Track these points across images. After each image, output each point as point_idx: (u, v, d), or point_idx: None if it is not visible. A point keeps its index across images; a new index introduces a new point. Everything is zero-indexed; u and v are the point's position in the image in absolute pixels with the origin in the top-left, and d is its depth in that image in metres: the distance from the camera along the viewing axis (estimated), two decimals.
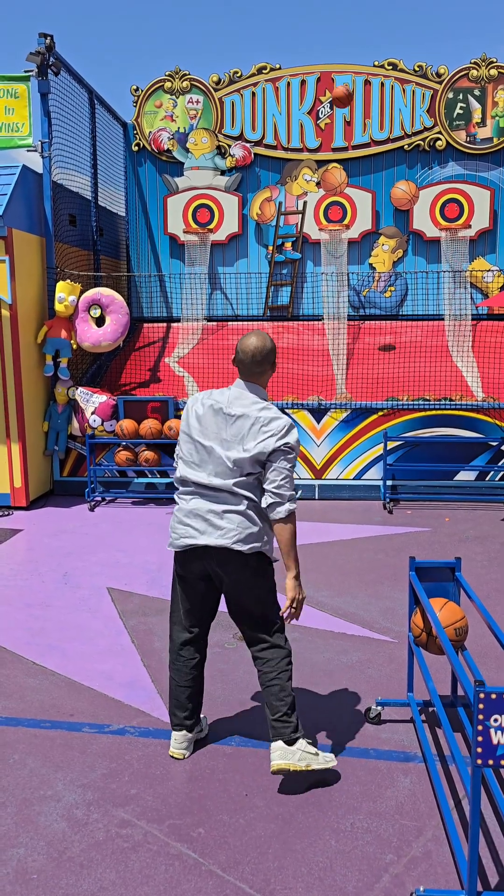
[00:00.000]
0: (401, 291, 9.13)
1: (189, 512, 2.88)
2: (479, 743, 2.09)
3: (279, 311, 9.20)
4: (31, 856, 2.54)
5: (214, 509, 2.83)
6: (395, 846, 2.55)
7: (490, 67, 8.68)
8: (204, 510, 2.85)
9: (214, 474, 2.83)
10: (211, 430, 2.84)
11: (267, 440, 2.77)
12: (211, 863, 2.48)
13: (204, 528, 2.85)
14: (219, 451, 2.81)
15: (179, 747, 3.05)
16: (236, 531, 2.81)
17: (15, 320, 7.05)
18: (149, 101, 9.17)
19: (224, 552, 2.83)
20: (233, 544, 2.81)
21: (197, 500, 2.87)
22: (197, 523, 2.86)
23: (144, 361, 8.65)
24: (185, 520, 2.89)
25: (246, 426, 2.80)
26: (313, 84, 8.93)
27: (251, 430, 2.80)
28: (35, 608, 4.74)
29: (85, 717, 3.42)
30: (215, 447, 2.82)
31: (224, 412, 2.84)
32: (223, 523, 2.82)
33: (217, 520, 2.83)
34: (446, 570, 3.23)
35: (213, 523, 2.83)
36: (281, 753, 2.81)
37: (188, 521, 2.87)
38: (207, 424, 2.85)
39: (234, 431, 2.81)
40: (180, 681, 3.03)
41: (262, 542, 2.87)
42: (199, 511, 2.86)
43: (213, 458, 2.83)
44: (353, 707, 3.44)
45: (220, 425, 2.84)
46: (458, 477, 7.49)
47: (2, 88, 7.28)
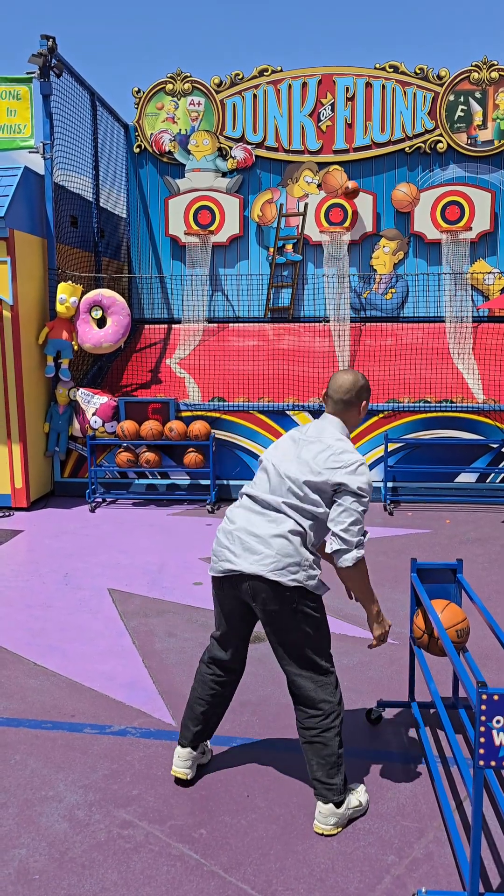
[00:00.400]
0: (401, 294, 9.14)
1: (228, 532, 2.70)
2: (481, 744, 2.09)
3: (280, 312, 9.20)
4: (33, 856, 2.54)
5: (255, 531, 2.63)
6: (396, 847, 2.55)
7: (491, 70, 8.70)
8: (243, 531, 2.65)
9: (267, 490, 2.69)
10: (280, 454, 2.75)
11: (336, 470, 2.59)
12: (213, 864, 2.48)
13: (240, 552, 2.63)
14: (279, 467, 2.69)
15: (183, 766, 2.86)
16: (274, 558, 2.57)
17: (16, 321, 7.06)
18: (150, 103, 9.18)
19: (259, 581, 2.59)
20: (269, 573, 2.56)
21: (239, 519, 2.70)
22: (234, 546, 2.66)
23: (145, 363, 8.66)
24: (223, 541, 2.71)
25: (315, 450, 2.66)
26: (314, 86, 8.94)
27: (319, 455, 2.64)
28: (36, 609, 4.74)
29: (86, 717, 3.42)
30: (278, 465, 2.70)
31: (301, 439, 2.76)
32: (260, 547, 2.60)
33: (255, 542, 2.61)
34: (448, 572, 3.23)
35: (251, 546, 2.61)
36: (331, 819, 2.59)
37: (226, 543, 2.69)
38: (282, 450, 2.76)
39: (301, 453, 2.69)
40: (200, 692, 2.86)
41: (305, 575, 2.59)
42: (237, 532, 2.67)
43: (270, 475, 2.71)
44: (354, 708, 3.44)
45: (291, 448, 2.74)
46: (459, 479, 7.49)
47: (4, 90, 7.29)
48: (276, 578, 2.56)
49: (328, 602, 4.81)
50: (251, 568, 2.59)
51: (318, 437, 2.71)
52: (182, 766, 2.87)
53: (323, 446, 2.67)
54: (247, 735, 3.24)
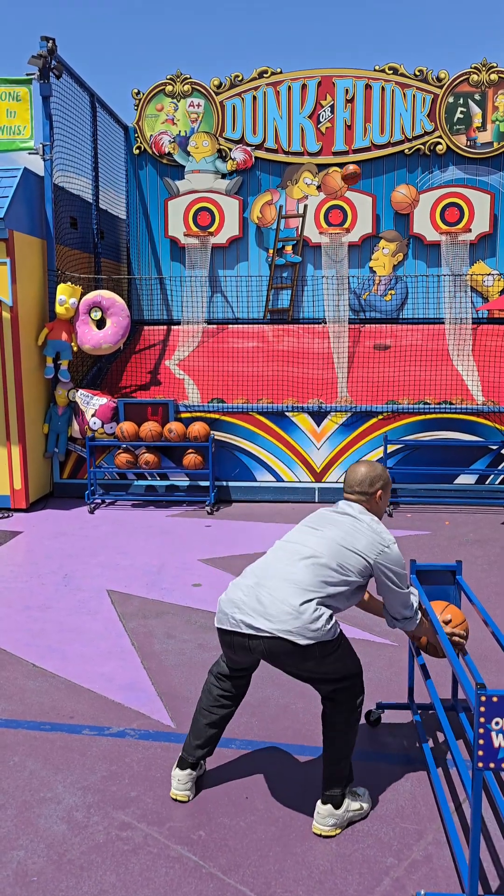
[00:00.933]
0: (401, 295, 9.14)
1: (245, 584, 2.63)
2: (480, 746, 2.09)
3: (279, 314, 9.21)
4: (31, 858, 2.54)
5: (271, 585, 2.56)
6: (395, 849, 2.55)
7: (491, 72, 8.71)
8: (259, 586, 2.58)
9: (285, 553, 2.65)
10: (314, 521, 2.79)
11: (372, 551, 2.65)
12: (211, 865, 2.48)
13: (254, 605, 2.54)
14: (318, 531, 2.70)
15: (184, 788, 2.79)
16: (292, 616, 2.47)
17: (15, 322, 7.06)
18: (150, 105, 9.19)
19: (277, 644, 2.50)
20: (285, 634, 2.47)
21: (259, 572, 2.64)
22: (248, 597, 2.57)
23: (145, 364, 8.66)
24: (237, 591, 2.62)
25: (350, 522, 2.72)
26: (314, 88, 8.95)
27: (356, 527, 2.69)
28: (35, 610, 4.73)
29: (85, 719, 3.41)
30: (315, 529, 2.71)
31: (332, 510, 2.83)
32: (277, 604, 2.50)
33: (269, 597, 2.53)
34: (447, 574, 3.23)
35: (263, 600, 2.53)
36: (329, 820, 2.60)
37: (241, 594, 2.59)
38: (314, 518, 2.81)
39: (336, 521, 2.73)
40: (206, 703, 2.82)
41: (326, 631, 2.51)
42: (255, 585, 2.59)
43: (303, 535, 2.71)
44: None
45: (324, 516, 2.80)
46: (459, 480, 7.49)
47: (4, 91, 7.30)
48: (289, 638, 2.48)
49: None
50: (267, 625, 2.51)
51: (353, 512, 2.77)
52: (182, 788, 2.80)
53: (357, 521, 2.73)
54: (246, 737, 3.23)
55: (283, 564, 2.63)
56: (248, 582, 2.64)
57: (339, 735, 2.66)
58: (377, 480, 2.83)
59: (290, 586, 2.54)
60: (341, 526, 2.71)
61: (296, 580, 2.55)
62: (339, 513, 2.79)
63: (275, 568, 2.63)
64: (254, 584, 2.62)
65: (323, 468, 7.61)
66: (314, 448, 7.61)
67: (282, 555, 2.68)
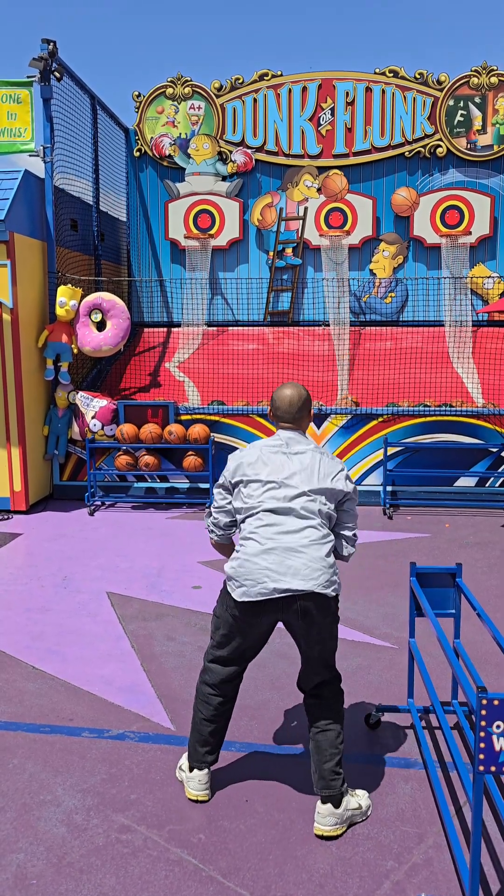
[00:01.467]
0: (401, 297, 9.15)
1: (265, 552, 2.62)
2: (481, 749, 2.09)
3: (279, 316, 9.21)
4: (31, 861, 2.53)
5: (293, 546, 2.61)
6: (395, 853, 2.54)
7: (491, 75, 8.72)
8: (281, 549, 2.61)
9: (286, 502, 2.67)
10: (274, 468, 2.72)
11: (340, 479, 2.74)
12: (211, 869, 2.47)
13: (284, 570, 2.59)
14: (289, 481, 2.69)
15: (202, 788, 2.80)
16: (321, 571, 2.60)
17: (16, 324, 7.06)
18: (150, 107, 9.20)
19: (311, 598, 2.59)
20: (320, 588, 2.59)
21: (271, 539, 2.63)
22: (276, 565, 2.59)
23: (145, 366, 8.66)
24: (260, 562, 2.60)
25: (313, 461, 2.73)
26: (314, 91, 8.97)
27: (321, 465, 2.73)
28: (34, 612, 4.73)
29: (84, 721, 3.41)
30: (288, 479, 2.69)
31: (283, 452, 2.76)
32: (304, 561, 2.59)
33: (297, 558, 2.60)
34: (447, 576, 3.22)
35: (293, 564, 2.59)
36: (329, 819, 2.60)
37: (264, 564, 2.59)
38: (268, 464, 2.73)
39: (301, 466, 2.72)
40: (207, 714, 2.81)
41: (338, 583, 2.70)
42: (276, 551, 2.61)
43: (283, 488, 2.68)
44: (353, 713, 3.43)
45: (283, 463, 2.73)
46: (458, 483, 7.48)
47: (5, 93, 7.31)
48: (324, 591, 2.60)
49: None
50: (304, 585, 2.58)
51: (304, 448, 2.77)
52: (202, 789, 2.81)
53: (317, 457, 2.75)
54: (245, 740, 3.23)
55: (293, 524, 2.65)
56: (266, 548, 2.62)
57: (335, 728, 2.70)
58: (307, 400, 2.85)
59: (311, 544, 2.63)
60: (312, 468, 2.72)
61: (313, 538, 2.64)
62: (295, 453, 2.75)
63: (287, 531, 2.64)
64: (274, 549, 2.61)
65: None
66: None
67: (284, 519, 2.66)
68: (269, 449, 2.78)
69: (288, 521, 2.66)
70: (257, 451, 2.78)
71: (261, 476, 2.71)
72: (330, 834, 2.60)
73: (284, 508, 2.66)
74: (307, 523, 2.66)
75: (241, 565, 2.66)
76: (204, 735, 2.82)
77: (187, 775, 2.85)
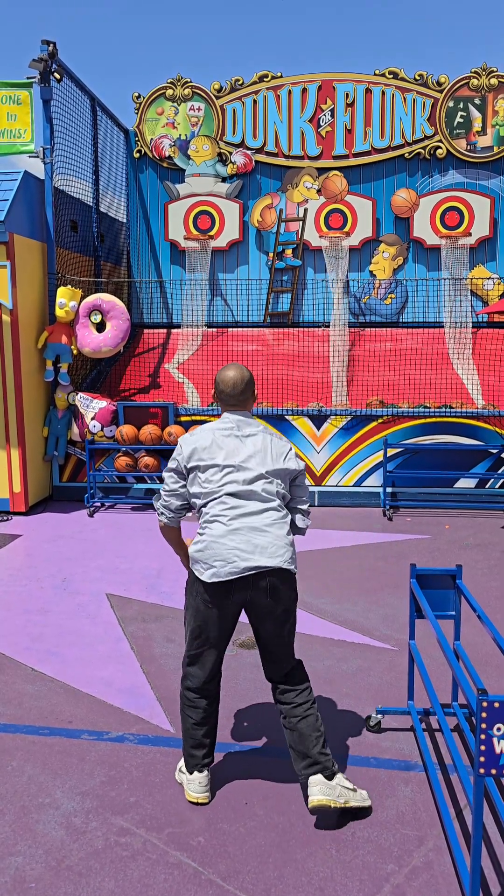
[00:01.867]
0: (401, 299, 9.14)
1: (231, 532, 2.68)
2: (481, 752, 2.08)
3: (279, 317, 9.21)
4: (30, 864, 2.52)
5: (257, 525, 2.69)
6: (395, 856, 2.53)
7: (490, 77, 8.72)
8: (246, 528, 2.68)
9: (246, 484, 2.72)
10: (229, 451, 2.75)
11: (291, 458, 2.82)
12: (210, 872, 2.46)
13: (251, 548, 2.66)
14: (246, 464, 2.74)
15: (202, 791, 2.79)
16: (284, 548, 2.70)
17: (16, 325, 7.05)
18: (150, 109, 9.20)
19: (277, 574, 2.69)
20: (285, 564, 2.69)
21: (235, 518, 2.70)
22: (243, 544, 2.66)
23: (144, 367, 8.65)
24: (227, 543, 2.66)
25: (265, 443, 2.80)
26: (314, 92, 8.97)
27: (273, 446, 2.80)
28: (34, 614, 4.72)
29: (84, 723, 3.39)
30: (244, 462, 2.74)
31: (235, 435, 2.79)
32: (269, 539, 2.68)
33: (261, 537, 2.68)
34: (447, 578, 3.22)
35: (259, 542, 2.67)
36: (321, 788, 2.63)
37: (231, 544, 2.66)
38: (223, 447, 2.76)
39: (255, 448, 2.77)
40: (197, 718, 2.82)
41: (295, 558, 2.80)
42: (241, 531, 2.68)
43: (241, 471, 2.73)
44: (353, 715, 3.42)
45: (237, 446, 2.77)
46: (458, 484, 7.48)
47: (4, 95, 7.30)
48: (289, 567, 2.71)
49: (328, 608, 4.81)
50: (271, 562, 2.67)
51: (254, 431, 2.82)
52: (203, 791, 2.80)
53: (267, 439, 2.82)
54: (244, 742, 3.22)
55: (255, 506, 2.72)
56: (232, 529, 2.69)
57: (314, 712, 2.76)
58: (250, 381, 2.87)
59: (273, 523, 2.72)
60: (265, 450, 2.78)
61: (274, 518, 2.74)
62: (247, 436, 2.80)
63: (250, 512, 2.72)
64: (240, 529, 2.69)
65: (323, 472, 7.60)
66: (314, 452, 7.60)
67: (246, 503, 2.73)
68: (222, 432, 2.81)
69: (250, 504, 2.73)
70: (210, 435, 2.80)
71: (217, 460, 2.75)
72: (325, 804, 2.60)
73: (246, 492, 2.73)
74: (268, 505, 2.74)
75: (208, 547, 2.71)
76: (197, 739, 2.82)
77: (187, 777, 2.84)
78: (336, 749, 3.14)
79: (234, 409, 2.85)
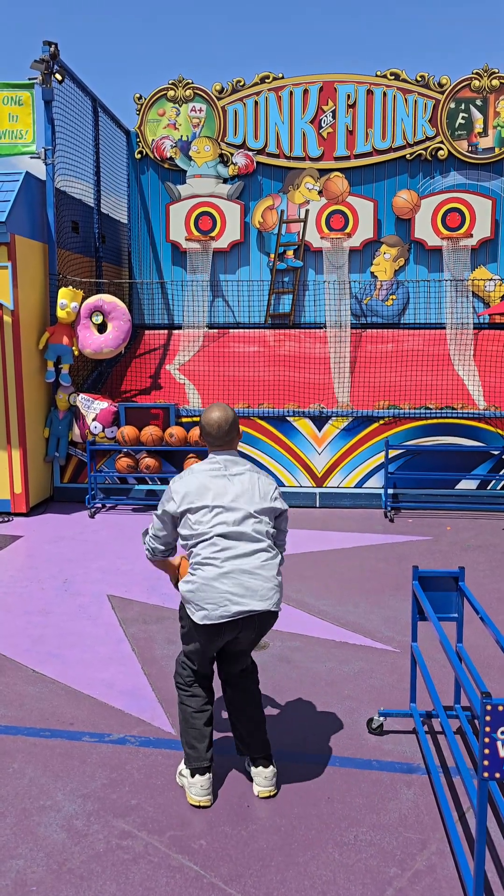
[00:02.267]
0: (402, 300, 9.14)
1: (223, 576, 2.70)
2: (485, 756, 2.07)
3: (280, 318, 9.20)
4: (31, 867, 2.51)
5: (248, 568, 2.72)
6: (398, 859, 2.52)
7: (492, 78, 8.72)
8: (238, 571, 2.71)
9: (235, 525, 2.75)
10: (217, 492, 2.79)
11: (277, 498, 2.89)
12: (212, 875, 2.45)
13: (244, 591, 2.70)
14: (236, 503, 2.77)
15: (204, 794, 2.80)
16: (274, 590, 2.76)
17: (17, 326, 7.05)
18: (152, 110, 9.20)
19: (267, 615, 2.77)
20: (274, 606, 2.76)
21: (228, 562, 2.71)
22: (236, 588, 2.69)
23: (146, 368, 8.64)
24: (219, 586, 2.69)
25: (252, 482, 2.84)
26: (316, 93, 8.96)
27: (260, 485, 2.85)
28: (35, 615, 4.71)
29: (85, 725, 3.38)
30: (234, 502, 2.77)
31: (223, 475, 2.83)
32: (260, 583, 2.72)
33: (252, 580, 2.71)
34: (449, 580, 3.21)
35: (251, 585, 2.71)
36: (273, 780, 2.87)
37: (224, 588, 2.68)
38: (211, 488, 2.79)
39: (242, 488, 2.81)
40: (197, 706, 2.88)
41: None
42: (233, 574, 2.70)
43: (231, 511, 2.76)
44: (354, 717, 3.41)
45: (226, 486, 2.80)
46: (460, 486, 7.47)
47: (6, 95, 7.30)
48: (277, 609, 2.79)
49: (329, 610, 4.79)
50: (261, 605, 2.72)
51: (242, 470, 2.86)
52: (205, 794, 2.80)
53: (254, 477, 2.87)
54: None
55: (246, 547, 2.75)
56: (223, 572, 2.71)
57: (260, 701, 2.96)
58: (235, 421, 2.91)
59: (263, 565, 2.76)
60: (252, 489, 2.83)
61: (264, 559, 2.77)
62: (234, 475, 2.84)
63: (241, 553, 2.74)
64: (231, 572, 2.71)
65: (324, 473, 7.59)
66: (315, 453, 7.59)
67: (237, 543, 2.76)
68: (209, 473, 2.85)
69: (240, 545, 2.75)
70: (198, 478, 2.84)
71: (206, 501, 2.79)
72: (273, 793, 2.85)
73: (236, 533, 2.76)
74: (258, 546, 2.77)
75: (199, 589, 2.73)
76: (199, 728, 2.85)
77: (189, 781, 2.83)
78: (338, 751, 3.14)
79: (220, 450, 2.90)
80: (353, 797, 2.85)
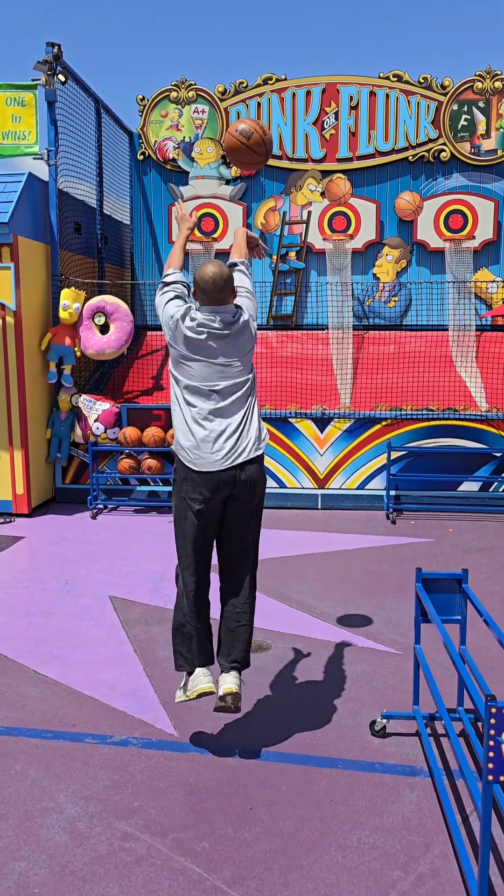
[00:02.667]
0: (404, 302, 9.13)
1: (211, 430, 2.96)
2: (489, 759, 2.06)
3: (283, 320, 9.20)
4: (33, 869, 2.50)
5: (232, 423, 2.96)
6: (402, 862, 2.51)
7: (495, 80, 8.72)
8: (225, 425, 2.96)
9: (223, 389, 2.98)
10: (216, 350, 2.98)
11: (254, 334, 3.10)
12: (215, 878, 2.45)
13: (234, 443, 2.94)
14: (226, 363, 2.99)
15: (210, 680, 3.06)
16: (255, 435, 3.00)
17: (19, 327, 7.05)
18: (154, 111, 9.20)
19: (253, 464, 2.98)
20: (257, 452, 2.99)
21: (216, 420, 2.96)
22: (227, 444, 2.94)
23: (148, 369, 8.64)
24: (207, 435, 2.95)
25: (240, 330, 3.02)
26: (318, 95, 8.97)
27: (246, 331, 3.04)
28: (36, 616, 4.70)
29: (87, 727, 3.38)
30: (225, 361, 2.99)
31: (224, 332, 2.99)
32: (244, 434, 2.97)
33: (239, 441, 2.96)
34: (453, 582, 3.20)
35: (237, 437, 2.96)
36: (234, 680, 3.06)
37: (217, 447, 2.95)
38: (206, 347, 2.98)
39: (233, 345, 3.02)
40: (196, 603, 3.07)
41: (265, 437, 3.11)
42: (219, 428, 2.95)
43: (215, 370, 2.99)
44: (357, 720, 3.40)
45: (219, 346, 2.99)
46: (462, 487, 7.46)
47: (9, 96, 7.31)
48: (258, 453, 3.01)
49: (332, 612, 4.79)
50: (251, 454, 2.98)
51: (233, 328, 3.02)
52: (209, 681, 3.05)
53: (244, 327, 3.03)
54: (248, 746, 3.20)
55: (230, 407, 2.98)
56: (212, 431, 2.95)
57: (252, 621, 3.09)
58: (230, 278, 3.00)
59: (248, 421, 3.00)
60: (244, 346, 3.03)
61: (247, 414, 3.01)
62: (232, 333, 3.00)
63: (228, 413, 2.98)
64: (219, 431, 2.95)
65: (326, 474, 7.58)
66: (317, 454, 7.59)
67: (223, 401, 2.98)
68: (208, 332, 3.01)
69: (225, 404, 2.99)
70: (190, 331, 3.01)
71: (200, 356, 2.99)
72: (234, 691, 2.99)
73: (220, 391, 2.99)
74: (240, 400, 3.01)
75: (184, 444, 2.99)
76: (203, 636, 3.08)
77: (191, 679, 3.06)
78: (340, 753, 3.13)
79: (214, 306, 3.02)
80: (356, 800, 2.84)
